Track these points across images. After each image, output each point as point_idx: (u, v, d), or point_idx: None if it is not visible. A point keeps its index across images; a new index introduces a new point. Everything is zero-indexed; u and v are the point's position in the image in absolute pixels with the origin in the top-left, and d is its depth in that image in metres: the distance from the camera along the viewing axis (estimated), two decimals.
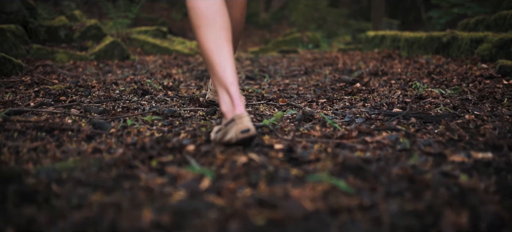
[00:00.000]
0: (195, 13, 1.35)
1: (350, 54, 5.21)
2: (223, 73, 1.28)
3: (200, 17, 1.33)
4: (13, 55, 4.06)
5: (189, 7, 1.40)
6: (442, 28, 9.31)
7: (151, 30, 6.03)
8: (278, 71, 3.85)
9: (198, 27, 1.33)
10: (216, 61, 1.29)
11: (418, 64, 3.65)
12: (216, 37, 1.32)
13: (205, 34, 1.32)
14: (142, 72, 3.59)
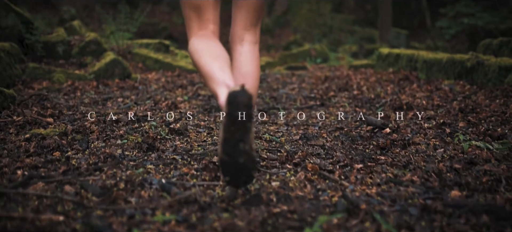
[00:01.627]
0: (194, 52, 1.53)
1: (362, 72, 4.96)
2: (220, 75, 1.40)
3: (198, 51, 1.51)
4: (7, 75, 3.81)
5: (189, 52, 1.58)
6: (451, 38, 9.07)
7: (153, 44, 5.78)
8: (290, 97, 3.59)
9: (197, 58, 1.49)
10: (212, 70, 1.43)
11: (441, 93, 3.39)
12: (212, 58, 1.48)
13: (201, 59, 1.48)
14: (145, 100, 3.33)
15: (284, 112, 2.85)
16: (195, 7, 1.58)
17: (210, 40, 1.57)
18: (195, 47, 1.54)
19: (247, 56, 1.58)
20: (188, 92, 3.86)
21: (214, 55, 1.49)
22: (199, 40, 1.57)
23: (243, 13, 1.60)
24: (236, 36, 1.61)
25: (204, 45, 1.54)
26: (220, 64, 1.45)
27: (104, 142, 1.99)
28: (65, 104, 3.02)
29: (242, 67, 1.56)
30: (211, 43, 1.55)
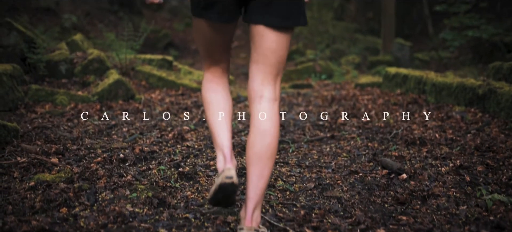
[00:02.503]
0: (204, 100, 1.71)
1: (369, 92, 4.89)
2: (219, 140, 1.62)
3: (207, 103, 1.69)
4: (10, 99, 3.75)
5: (201, 94, 1.74)
6: (455, 50, 9.01)
7: (156, 60, 5.71)
8: (298, 124, 3.53)
9: (206, 109, 1.69)
10: (216, 131, 1.64)
11: (453, 122, 3.33)
12: (217, 117, 1.65)
13: (209, 114, 1.68)
14: (150, 129, 3.26)
15: (293, 147, 2.78)
16: (206, 48, 1.67)
17: (219, 86, 1.71)
18: (205, 95, 1.72)
19: (265, 115, 1.51)
20: (193, 117, 3.79)
21: (218, 109, 1.67)
22: (209, 86, 1.71)
23: (260, 67, 1.53)
24: (254, 91, 1.54)
25: (213, 96, 1.70)
26: (222, 126, 1.64)
27: (113, 193, 1.92)
28: (69, 135, 2.95)
29: (261, 125, 1.50)
30: (218, 94, 1.70)
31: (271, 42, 1.49)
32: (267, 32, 1.49)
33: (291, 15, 1.48)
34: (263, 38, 1.50)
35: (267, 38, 1.49)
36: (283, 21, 1.48)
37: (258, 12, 1.48)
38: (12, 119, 3.56)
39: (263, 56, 1.52)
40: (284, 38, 1.52)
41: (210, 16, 1.53)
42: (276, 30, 1.49)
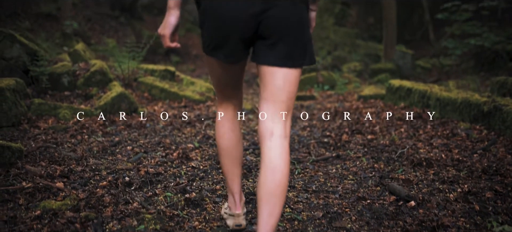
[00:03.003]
0: (219, 147, 1.81)
1: (372, 105, 4.88)
2: (231, 185, 1.84)
3: (220, 149, 1.81)
4: (13, 115, 3.73)
5: (216, 137, 1.82)
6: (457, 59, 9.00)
7: (158, 71, 5.69)
8: (302, 140, 3.51)
9: (219, 153, 1.82)
10: (228, 178, 1.83)
11: (459, 140, 3.32)
12: (230, 163, 1.82)
13: (223, 160, 1.83)
14: (154, 147, 3.25)
15: (299, 168, 2.77)
16: (217, 84, 1.75)
17: (232, 132, 1.80)
18: (219, 142, 1.81)
19: (276, 152, 1.52)
20: (197, 133, 3.77)
21: (230, 157, 1.81)
22: (223, 131, 1.80)
23: (270, 105, 1.55)
24: (265, 128, 1.55)
25: (225, 143, 1.80)
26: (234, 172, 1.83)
27: (120, 223, 1.90)
28: (74, 155, 2.93)
29: (271, 162, 1.51)
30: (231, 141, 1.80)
31: (279, 80, 1.52)
32: (274, 71, 1.51)
33: (297, 55, 1.51)
34: (271, 77, 1.52)
35: (275, 76, 1.51)
36: (289, 62, 1.50)
37: (265, 52, 1.50)
38: (15, 135, 3.54)
39: (272, 94, 1.53)
40: (292, 76, 1.53)
41: (220, 57, 1.56)
42: (283, 68, 1.51)
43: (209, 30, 1.52)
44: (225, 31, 1.48)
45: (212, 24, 1.50)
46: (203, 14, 1.52)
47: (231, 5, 1.43)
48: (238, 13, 1.44)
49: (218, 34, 1.50)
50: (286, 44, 1.48)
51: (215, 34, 1.50)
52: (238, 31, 1.47)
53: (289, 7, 1.45)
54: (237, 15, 1.44)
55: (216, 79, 1.70)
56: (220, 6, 1.44)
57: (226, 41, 1.51)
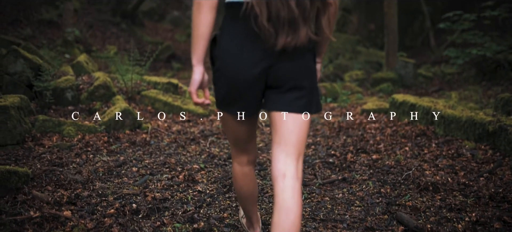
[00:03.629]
0: (238, 194, 1.95)
1: (376, 119, 4.88)
2: (250, 216, 2.03)
3: (240, 197, 1.95)
4: (17, 133, 3.73)
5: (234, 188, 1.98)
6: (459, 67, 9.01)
7: (161, 83, 5.69)
8: (307, 160, 3.51)
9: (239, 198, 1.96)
10: (246, 213, 2.01)
11: (464, 161, 3.32)
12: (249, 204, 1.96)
13: (242, 203, 1.97)
14: (159, 168, 3.24)
15: (306, 193, 2.77)
16: (231, 137, 1.81)
17: (249, 180, 1.89)
18: (237, 190, 1.93)
19: (288, 194, 1.55)
20: (202, 151, 3.77)
21: (249, 201, 1.95)
22: (238, 176, 1.89)
23: (282, 148, 1.60)
24: (277, 170, 1.59)
25: (243, 191, 1.92)
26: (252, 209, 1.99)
27: None
28: (80, 178, 2.93)
29: (285, 203, 1.54)
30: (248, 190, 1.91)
31: (289, 125, 1.59)
32: (286, 117, 1.58)
33: (305, 102, 1.58)
34: (281, 122, 1.59)
35: (286, 122, 1.58)
36: (298, 108, 1.58)
37: (275, 99, 1.58)
38: (20, 154, 3.54)
39: (283, 138, 1.59)
40: (301, 121, 1.60)
41: (233, 112, 1.63)
42: (292, 114, 1.58)
43: (223, 87, 1.58)
44: (238, 87, 1.55)
45: (225, 82, 1.56)
46: (217, 72, 1.58)
47: (242, 63, 1.51)
48: (250, 70, 1.51)
49: (231, 90, 1.57)
50: (294, 91, 1.57)
51: (228, 91, 1.57)
52: (250, 87, 1.55)
53: (296, 58, 1.53)
54: (249, 72, 1.52)
55: (230, 133, 1.77)
56: (232, 64, 1.52)
57: (239, 97, 1.58)
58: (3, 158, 3.41)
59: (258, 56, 1.51)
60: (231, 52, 1.53)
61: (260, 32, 1.47)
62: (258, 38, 1.48)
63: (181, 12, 16.13)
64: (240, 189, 1.89)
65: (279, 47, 1.47)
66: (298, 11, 1.44)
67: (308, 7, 1.46)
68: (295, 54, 1.52)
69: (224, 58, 1.54)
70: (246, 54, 1.51)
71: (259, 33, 1.47)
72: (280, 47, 1.47)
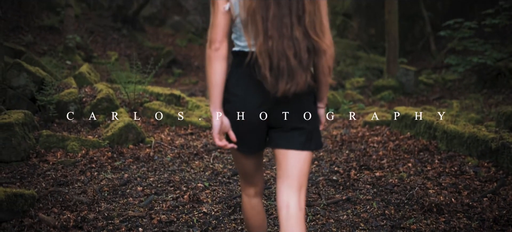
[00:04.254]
0: (247, 224, 1.98)
1: (378, 132, 4.90)
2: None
3: (249, 227, 1.97)
4: (22, 149, 3.75)
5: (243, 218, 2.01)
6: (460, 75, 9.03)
7: (164, 95, 5.71)
8: (311, 178, 3.53)
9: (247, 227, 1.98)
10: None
11: (468, 179, 3.33)
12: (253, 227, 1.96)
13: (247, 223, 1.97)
14: (165, 189, 3.26)
15: (311, 215, 2.78)
16: (240, 171, 1.91)
17: (254, 209, 1.94)
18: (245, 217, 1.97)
19: (292, 222, 1.67)
20: (205, 167, 3.79)
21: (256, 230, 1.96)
22: (246, 208, 1.95)
23: (285, 181, 1.72)
24: (281, 201, 1.71)
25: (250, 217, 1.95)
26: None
27: None
28: (85, 199, 2.95)
29: (289, 230, 1.67)
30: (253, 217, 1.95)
31: (291, 161, 1.71)
32: (288, 153, 1.71)
33: (305, 140, 1.70)
34: (284, 158, 1.72)
35: (288, 157, 1.71)
36: (298, 145, 1.70)
37: (278, 139, 1.72)
38: (24, 171, 3.56)
39: (286, 173, 1.72)
40: (302, 156, 1.71)
41: (243, 150, 1.78)
42: (294, 151, 1.71)
43: (232, 127, 1.72)
44: (245, 127, 1.70)
45: (233, 122, 1.70)
46: (226, 114, 1.71)
47: (248, 106, 1.66)
48: (254, 112, 1.67)
49: (238, 130, 1.71)
50: (295, 131, 1.70)
51: (236, 130, 1.71)
52: (254, 127, 1.71)
53: (296, 102, 1.66)
54: (253, 113, 1.67)
55: (239, 166, 1.89)
56: (239, 107, 1.67)
57: (245, 136, 1.73)
58: (8, 176, 3.42)
59: (260, 100, 1.65)
60: (238, 96, 1.67)
61: (262, 81, 1.59)
62: (260, 84, 1.61)
63: (181, 17, 16.15)
64: (249, 220, 1.95)
65: (279, 94, 1.59)
66: (296, 62, 1.56)
67: (306, 57, 1.57)
68: (295, 98, 1.63)
69: (231, 101, 1.68)
70: (250, 98, 1.66)
71: (261, 81, 1.60)
72: (280, 94, 1.59)
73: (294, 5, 1.56)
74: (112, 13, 13.61)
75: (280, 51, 1.56)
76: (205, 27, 16.72)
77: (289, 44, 1.56)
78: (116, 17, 13.49)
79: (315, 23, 1.58)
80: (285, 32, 1.55)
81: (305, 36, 1.57)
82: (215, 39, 1.64)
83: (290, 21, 1.56)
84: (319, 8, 1.59)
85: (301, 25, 1.56)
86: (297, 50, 1.56)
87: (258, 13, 1.56)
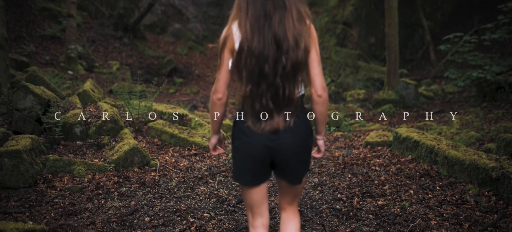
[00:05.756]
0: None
1: (379, 154, 4.96)
2: None
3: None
4: (30, 175, 3.81)
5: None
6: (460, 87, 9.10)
7: (168, 114, 5.77)
8: (314, 205, 3.59)
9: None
10: None
11: (469, 209, 3.40)
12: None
13: None
14: (171, 219, 3.32)
15: None
16: (247, 202, 2.17)
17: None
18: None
19: (290, 216, 2.23)
20: (211, 194, 3.85)
21: None
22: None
23: (284, 198, 2.23)
24: (282, 208, 2.26)
25: None
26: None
27: None
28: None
29: (288, 219, 2.23)
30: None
31: (289, 187, 2.18)
32: (287, 183, 2.16)
33: (300, 174, 2.12)
34: (285, 186, 2.17)
35: (287, 185, 2.17)
36: (294, 180, 2.13)
37: (280, 174, 2.13)
38: (32, 198, 3.62)
39: (285, 194, 2.21)
40: (296, 185, 2.17)
41: (247, 182, 2.10)
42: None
43: (240, 162, 2.07)
44: (250, 162, 2.03)
45: (241, 159, 2.05)
46: (235, 152, 2.06)
47: (252, 145, 1.98)
48: (258, 151, 1.99)
49: (245, 165, 2.05)
50: (294, 169, 2.08)
51: (243, 166, 2.06)
52: (259, 163, 2.03)
53: (292, 142, 1.98)
54: (257, 152, 1.99)
55: (247, 198, 2.15)
56: (245, 147, 2.00)
57: (252, 169, 2.05)
58: (17, 205, 3.48)
59: (263, 139, 1.97)
60: (244, 134, 2.00)
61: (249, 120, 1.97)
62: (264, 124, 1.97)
63: (182, 25, 16.21)
64: None
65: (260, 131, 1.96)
66: (273, 105, 1.91)
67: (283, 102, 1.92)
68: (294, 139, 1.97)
69: (239, 139, 2.03)
70: (255, 137, 1.98)
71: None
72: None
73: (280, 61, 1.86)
74: (114, 21, 13.66)
75: (261, 95, 1.89)
76: (206, 34, 16.78)
77: (270, 89, 1.88)
78: (117, 26, 13.54)
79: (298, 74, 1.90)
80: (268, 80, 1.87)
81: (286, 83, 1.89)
82: (219, 90, 2.00)
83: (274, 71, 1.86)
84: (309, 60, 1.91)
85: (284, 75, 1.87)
86: (278, 94, 1.89)
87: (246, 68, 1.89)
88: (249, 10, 1.87)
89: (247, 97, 1.91)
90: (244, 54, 1.86)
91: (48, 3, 12.81)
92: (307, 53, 1.89)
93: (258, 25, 1.85)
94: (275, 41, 1.85)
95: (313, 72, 1.93)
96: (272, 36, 1.85)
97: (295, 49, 1.85)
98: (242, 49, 1.86)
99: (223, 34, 1.94)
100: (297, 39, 1.86)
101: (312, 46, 1.91)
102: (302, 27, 1.88)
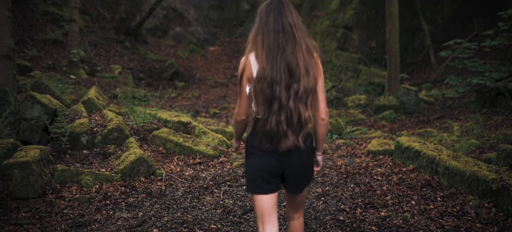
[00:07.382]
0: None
1: (381, 163, 5.03)
2: None
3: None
4: (39, 186, 3.88)
5: None
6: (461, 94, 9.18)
7: (172, 122, 5.84)
8: (318, 217, 3.66)
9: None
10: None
11: (469, 220, 3.47)
12: None
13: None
14: (178, 228, 3.39)
15: None
16: (260, 213, 2.32)
17: None
18: None
19: (297, 224, 2.48)
20: (216, 204, 3.92)
21: None
22: None
23: (291, 206, 2.47)
24: (289, 216, 2.51)
25: None
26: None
27: None
28: None
29: (295, 226, 2.48)
30: None
31: (295, 199, 2.43)
32: (290, 193, 2.40)
33: (306, 184, 2.36)
34: (292, 196, 2.42)
35: (293, 196, 2.42)
36: (299, 190, 2.37)
37: (288, 186, 2.35)
38: (42, 209, 3.69)
39: (292, 201, 2.45)
40: (302, 193, 2.40)
41: (261, 191, 2.28)
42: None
43: (254, 174, 2.27)
44: (262, 174, 2.24)
45: (254, 171, 2.25)
46: (249, 165, 2.27)
47: (265, 159, 2.21)
48: (270, 165, 2.21)
49: (258, 176, 2.25)
50: (299, 182, 2.32)
51: (257, 177, 2.25)
52: (271, 175, 2.24)
53: (300, 158, 2.21)
54: (269, 165, 2.22)
55: (258, 207, 2.31)
56: (259, 161, 2.23)
57: (264, 180, 2.25)
58: (28, 216, 3.55)
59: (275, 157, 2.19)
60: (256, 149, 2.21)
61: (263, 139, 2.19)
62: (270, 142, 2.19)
63: (183, 28, 16.28)
64: None
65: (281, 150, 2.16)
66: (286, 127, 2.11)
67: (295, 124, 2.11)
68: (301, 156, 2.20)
69: (253, 153, 2.24)
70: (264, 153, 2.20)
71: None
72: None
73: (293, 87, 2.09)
74: (115, 25, 13.72)
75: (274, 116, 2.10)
76: (206, 38, 16.84)
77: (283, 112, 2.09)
78: (119, 29, 13.61)
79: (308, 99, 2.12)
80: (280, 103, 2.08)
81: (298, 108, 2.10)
82: (241, 113, 2.26)
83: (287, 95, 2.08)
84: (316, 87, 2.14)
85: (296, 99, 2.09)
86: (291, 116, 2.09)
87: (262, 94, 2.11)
88: (264, 42, 2.10)
89: (262, 118, 2.12)
90: (260, 80, 2.07)
91: (50, 7, 12.88)
92: (315, 81, 2.14)
93: (273, 55, 2.08)
94: (288, 69, 2.08)
95: (319, 98, 2.19)
96: (285, 65, 2.08)
97: (306, 76, 2.09)
98: (259, 76, 2.08)
99: (241, 64, 2.17)
100: (307, 68, 2.11)
101: (318, 76, 2.17)
102: (311, 59, 2.13)
